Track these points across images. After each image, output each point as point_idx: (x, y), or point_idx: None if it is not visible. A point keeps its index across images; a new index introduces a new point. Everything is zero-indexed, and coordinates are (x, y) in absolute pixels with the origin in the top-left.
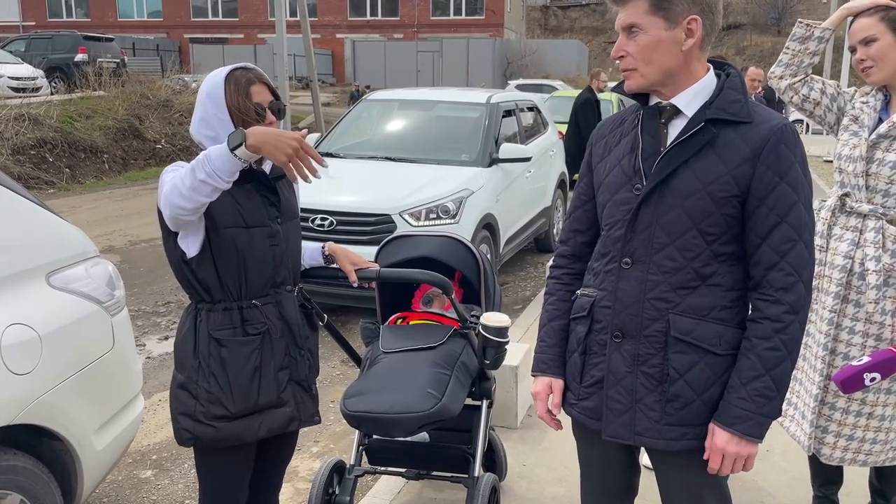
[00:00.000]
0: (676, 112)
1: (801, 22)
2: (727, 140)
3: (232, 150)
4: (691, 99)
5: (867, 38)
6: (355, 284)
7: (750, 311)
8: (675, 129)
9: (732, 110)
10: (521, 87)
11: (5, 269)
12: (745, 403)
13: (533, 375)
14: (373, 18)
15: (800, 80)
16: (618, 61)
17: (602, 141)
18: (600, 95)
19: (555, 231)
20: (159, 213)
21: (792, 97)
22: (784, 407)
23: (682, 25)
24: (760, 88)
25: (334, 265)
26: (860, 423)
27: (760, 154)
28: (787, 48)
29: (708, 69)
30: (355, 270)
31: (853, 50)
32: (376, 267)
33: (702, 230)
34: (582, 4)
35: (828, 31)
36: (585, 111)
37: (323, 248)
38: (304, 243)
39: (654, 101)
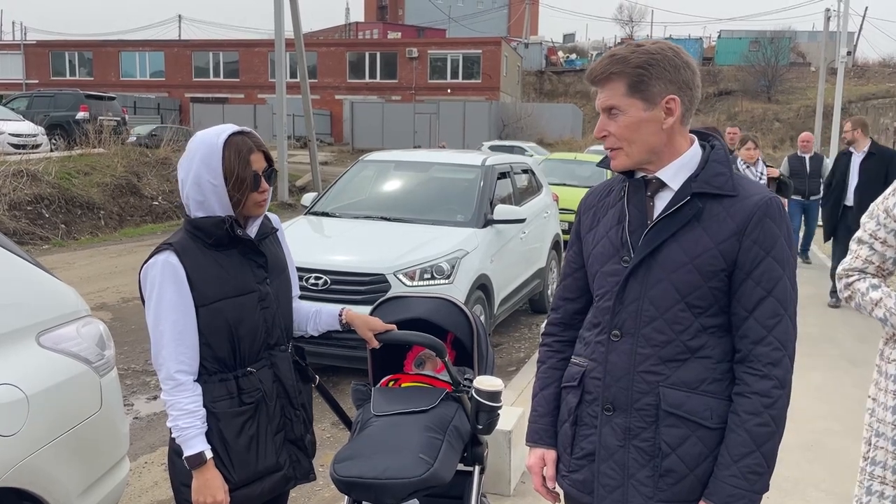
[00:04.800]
0: (662, 185)
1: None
2: (713, 213)
3: (186, 456)
4: (676, 172)
5: None
6: (377, 347)
7: (736, 384)
8: (661, 201)
9: (717, 184)
10: (493, 149)
11: None
12: (738, 481)
13: (527, 446)
14: (371, 80)
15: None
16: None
17: (590, 211)
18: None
19: (549, 292)
20: (141, 294)
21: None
22: None
23: (660, 105)
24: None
25: (351, 331)
26: None
27: (746, 228)
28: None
29: (692, 141)
30: (375, 336)
31: None
32: (393, 328)
33: (689, 303)
34: (576, 70)
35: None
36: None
37: (340, 314)
38: (319, 306)
39: (639, 173)
